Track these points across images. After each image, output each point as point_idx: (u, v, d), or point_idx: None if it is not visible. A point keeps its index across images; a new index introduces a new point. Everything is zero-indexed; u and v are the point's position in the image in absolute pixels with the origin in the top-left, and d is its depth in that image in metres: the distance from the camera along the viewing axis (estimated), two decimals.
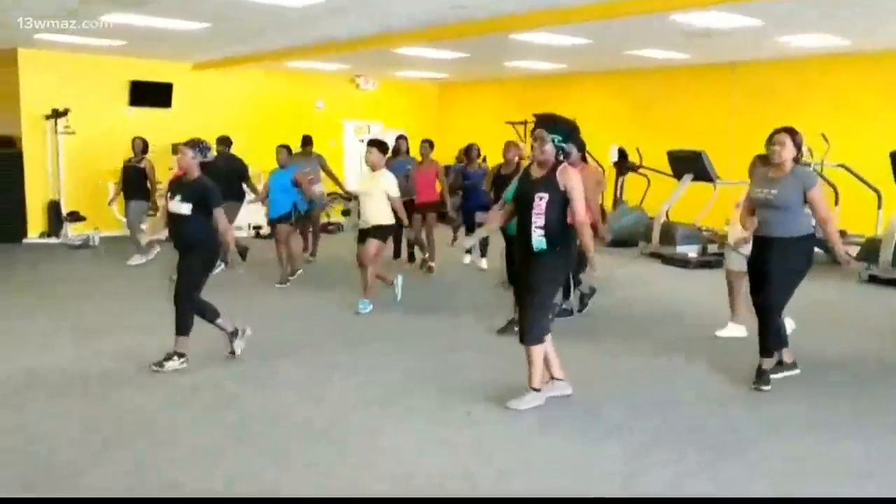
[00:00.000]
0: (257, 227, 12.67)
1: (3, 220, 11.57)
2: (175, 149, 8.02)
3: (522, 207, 4.61)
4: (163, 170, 10.10)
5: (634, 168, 12.15)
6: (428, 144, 9.66)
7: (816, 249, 10.15)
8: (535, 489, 3.70)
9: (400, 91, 16.34)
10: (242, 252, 9.26)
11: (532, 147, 4.63)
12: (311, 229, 10.12)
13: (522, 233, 4.60)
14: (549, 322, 4.77)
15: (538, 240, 4.49)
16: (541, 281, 4.58)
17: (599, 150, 11.67)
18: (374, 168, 7.14)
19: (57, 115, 11.63)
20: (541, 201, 4.48)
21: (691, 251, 10.27)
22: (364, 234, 7.16)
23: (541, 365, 4.68)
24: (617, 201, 12.35)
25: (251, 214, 12.68)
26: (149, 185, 9.81)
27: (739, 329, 6.33)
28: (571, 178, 4.51)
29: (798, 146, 4.97)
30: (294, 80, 14.62)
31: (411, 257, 9.79)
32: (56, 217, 11.87)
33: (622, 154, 12.17)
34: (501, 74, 14.72)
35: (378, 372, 5.37)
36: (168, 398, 4.81)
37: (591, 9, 7.88)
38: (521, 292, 4.76)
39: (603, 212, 7.87)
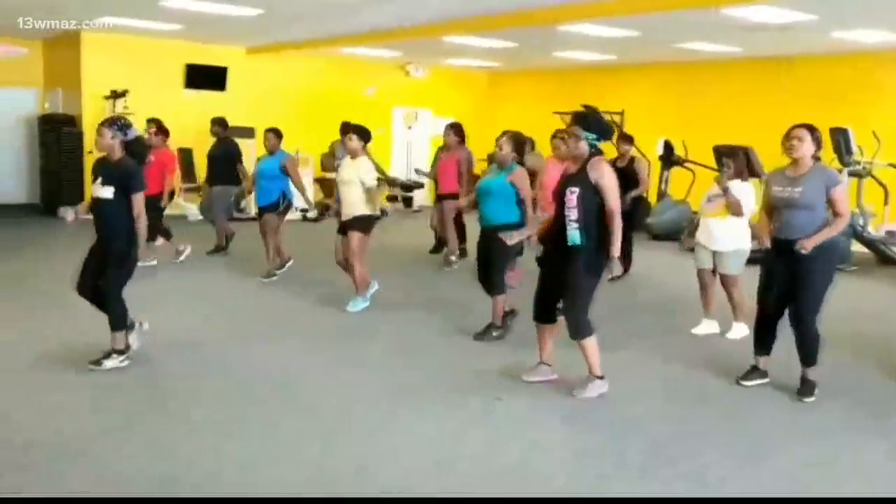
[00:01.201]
0: (304, 210, 12.89)
1: (64, 195, 12.07)
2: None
3: (558, 204, 4.72)
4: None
5: (680, 161, 12.08)
6: (453, 131, 8.88)
7: (864, 250, 10.11)
8: (545, 481, 3.76)
9: (449, 79, 16.43)
10: (229, 237, 9.22)
11: (566, 142, 4.77)
12: None
13: (558, 231, 4.70)
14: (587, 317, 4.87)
15: (573, 233, 4.58)
16: (580, 276, 4.66)
17: (646, 142, 11.63)
18: (353, 155, 6.79)
19: (116, 95, 12.00)
20: (572, 195, 4.56)
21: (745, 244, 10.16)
22: (344, 227, 6.76)
23: (597, 354, 4.81)
24: (661, 195, 12.29)
25: (298, 198, 12.97)
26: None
27: (713, 325, 6.39)
28: (601, 170, 4.60)
29: (818, 142, 4.79)
30: (345, 66, 14.81)
31: (438, 248, 9.62)
32: None
33: (668, 147, 12.10)
34: (551, 64, 14.70)
35: (385, 367, 5.34)
36: (171, 385, 4.83)
37: (641, 1, 7.88)
38: (549, 289, 4.86)
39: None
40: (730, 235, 6.12)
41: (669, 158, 12.12)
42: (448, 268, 8.86)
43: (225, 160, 9.27)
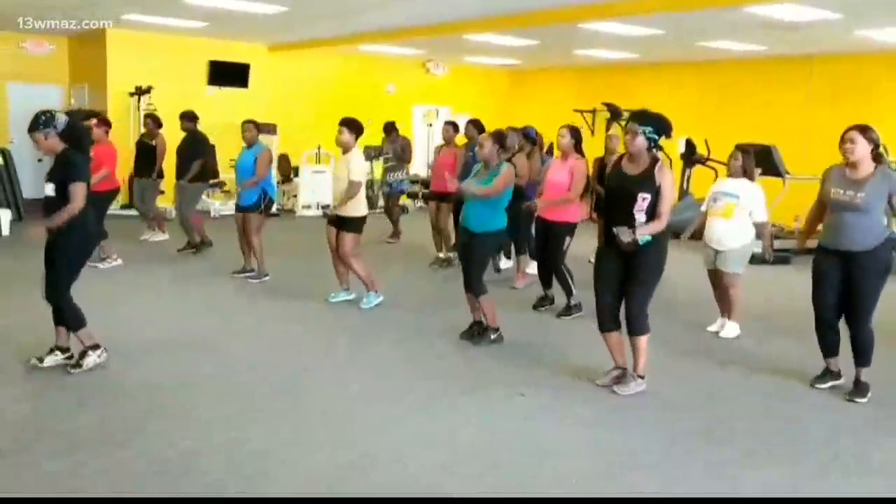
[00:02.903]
0: (325, 207, 12.94)
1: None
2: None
3: (617, 202, 4.68)
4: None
5: (702, 160, 12.01)
6: (451, 127, 8.72)
7: None
8: (560, 476, 3.80)
9: (470, 77, 16.43)
10: (194, 242, 8.93)
11: (625, 140, 4.70)
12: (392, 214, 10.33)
13: (616, 227, 4.65)
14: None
15: (642, 237, 4.58)
16: (645, 274, 4.70)
17: (667, 140, 11.60)
18: (345, 149, 6.60)
19: (140, 92, 12.13)
20: (643, 202, 4.55)
21: (756, 246, 10.09)
22: (334, 224, 6.69)
23: (646, 353, 4.84)
24: (683, 193, 12.23)
25: (318, 193, 13.04)
26: (160, 162, 9.43)
27: (735, 328, 6.33)
28: (666, 178, 4.61)
29: (873, 142, 4.67)
30: (366, 63, 14.87)
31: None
32: None
33: (690, 145, 12.04)
34: (572, 62, 14.68)
35: (394, 365, 5.32)
36: (170, 385, 4.78)
37: (664, 0, 7.86)
38: (603, 288, 4.85)
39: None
40: (733, 234, 6.11)
41: (691, 157, 12.06)
42: (437, 267, 8.71)
43: (193, 155, 9.02)
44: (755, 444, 4.19)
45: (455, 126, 8.78)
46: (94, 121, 8.15)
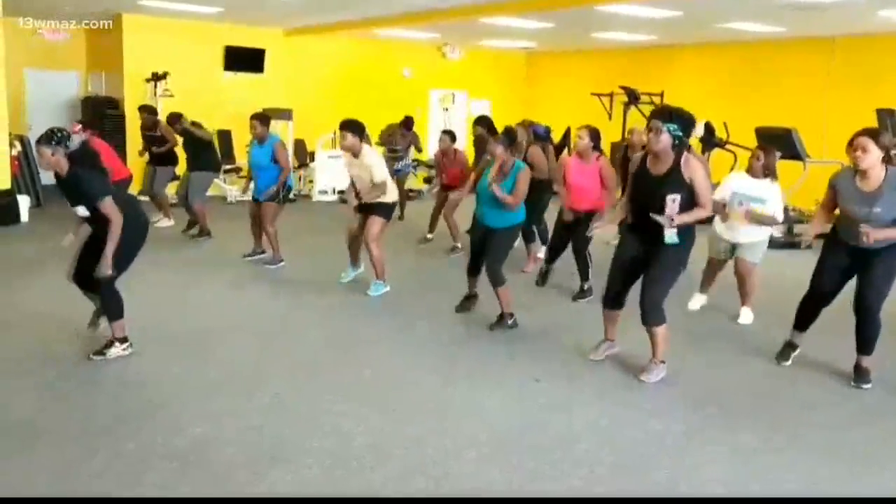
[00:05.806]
0: (341, 192, 12.95)
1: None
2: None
3: (645, 202, 4.59)
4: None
5: (721, 144, 11.87)
6: (448, 137, 8.96)
7: None
8: (587, 460, 3.79)
9: (486, 60, 16.32)
10: (206, 229, 9.04)
11: (648, 139, 4.57)
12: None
13: (646, 224, 4.59)
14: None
15: (671, 236, 4.53)
16: (667, 263, 4.67)
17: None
18: (353, 153, 6.56)
19: (156, 78, 12.15)
20: (674, 203, 4.46)
21: (776, 231, 9.98)
22: (365, 209, 6.68)
23: (664, 341, 4.83)
24: None
25: (334, 179, 13.04)
26: (170, 146, 9.58)
27: (702, 299, 6.58)
28: (695, 170, 4.49)
29: (885, 148, 4.52)
30: (382, 47, 14.81)
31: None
32: None
33: (709, 129, 11.90)
34: (590, 45, 14.53)
35: (404, 354, 5.28)
36: (187, 367, 4.85)
37: None
38: (618, 269, 4.88)
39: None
40: (757, 231, 6.06)
41: (710, 141, 11.91)
42: (453, 254, 8.65)
43: (195, 147, 9.17)
44: (771, 431, 4.16)
45: (453, 136, 9.01)
46: (77, 127, 8.19)
